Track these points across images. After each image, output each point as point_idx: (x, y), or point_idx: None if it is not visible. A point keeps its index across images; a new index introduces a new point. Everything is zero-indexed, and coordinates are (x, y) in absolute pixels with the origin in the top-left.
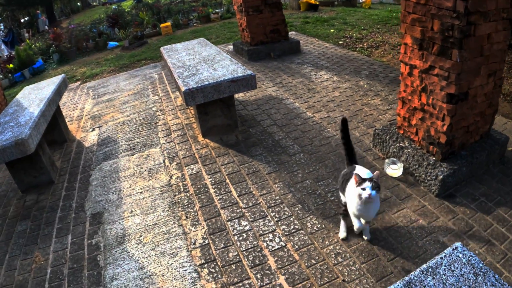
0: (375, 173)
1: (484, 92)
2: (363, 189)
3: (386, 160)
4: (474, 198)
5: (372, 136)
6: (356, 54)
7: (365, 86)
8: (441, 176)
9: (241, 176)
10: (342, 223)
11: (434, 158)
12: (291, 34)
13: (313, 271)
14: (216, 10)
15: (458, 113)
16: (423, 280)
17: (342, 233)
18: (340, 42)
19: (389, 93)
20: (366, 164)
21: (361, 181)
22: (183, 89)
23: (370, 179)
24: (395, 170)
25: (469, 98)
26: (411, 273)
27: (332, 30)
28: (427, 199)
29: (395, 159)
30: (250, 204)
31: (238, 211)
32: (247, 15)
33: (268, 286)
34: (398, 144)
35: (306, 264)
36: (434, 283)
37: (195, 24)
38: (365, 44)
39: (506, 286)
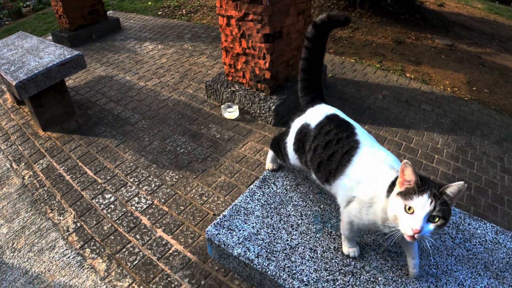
0: (457, 184)
1: (296, 29)
2: (409, 209)
3: (222, 106)
4: None
5: (204, 89)
6: (176, 21)
7: (190, 48)
8: (273, 107)
9: (92, 156)
10: (270, 153)
11: (264, 93)
12: (109, 13)
13: (185, 216)
14: (27, 2)
15: (276, 50)
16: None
17: (269, 164)
18: (159, 13)
19: (213, 50)
20: (204, 114)
21: (415, 187)
22: (14, 83)
23: (434, 188)
24: (231, 112)
25: (284, 35)
26: (264, 171)
27: (150, 3)
28: (266, 129)
29: (229, 103)
30: (108, 178)
31: (98, 187)
32: (62, 0)
33: (149, 241)
34: (229, 90)
35: (176, 212)
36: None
37: (6, 23)
38: (183, 10)
39: None
